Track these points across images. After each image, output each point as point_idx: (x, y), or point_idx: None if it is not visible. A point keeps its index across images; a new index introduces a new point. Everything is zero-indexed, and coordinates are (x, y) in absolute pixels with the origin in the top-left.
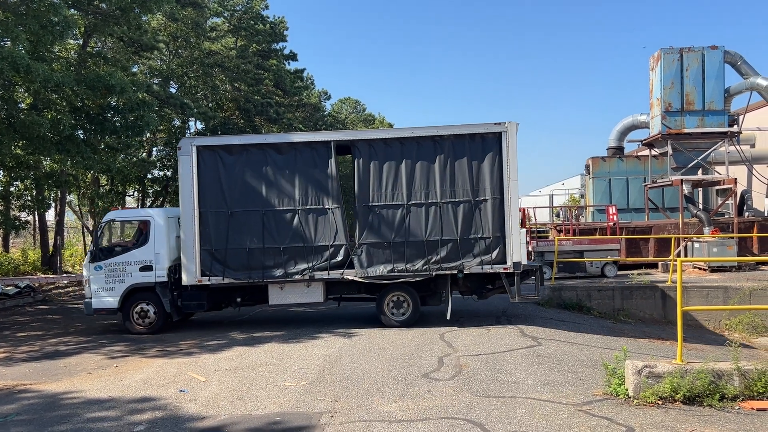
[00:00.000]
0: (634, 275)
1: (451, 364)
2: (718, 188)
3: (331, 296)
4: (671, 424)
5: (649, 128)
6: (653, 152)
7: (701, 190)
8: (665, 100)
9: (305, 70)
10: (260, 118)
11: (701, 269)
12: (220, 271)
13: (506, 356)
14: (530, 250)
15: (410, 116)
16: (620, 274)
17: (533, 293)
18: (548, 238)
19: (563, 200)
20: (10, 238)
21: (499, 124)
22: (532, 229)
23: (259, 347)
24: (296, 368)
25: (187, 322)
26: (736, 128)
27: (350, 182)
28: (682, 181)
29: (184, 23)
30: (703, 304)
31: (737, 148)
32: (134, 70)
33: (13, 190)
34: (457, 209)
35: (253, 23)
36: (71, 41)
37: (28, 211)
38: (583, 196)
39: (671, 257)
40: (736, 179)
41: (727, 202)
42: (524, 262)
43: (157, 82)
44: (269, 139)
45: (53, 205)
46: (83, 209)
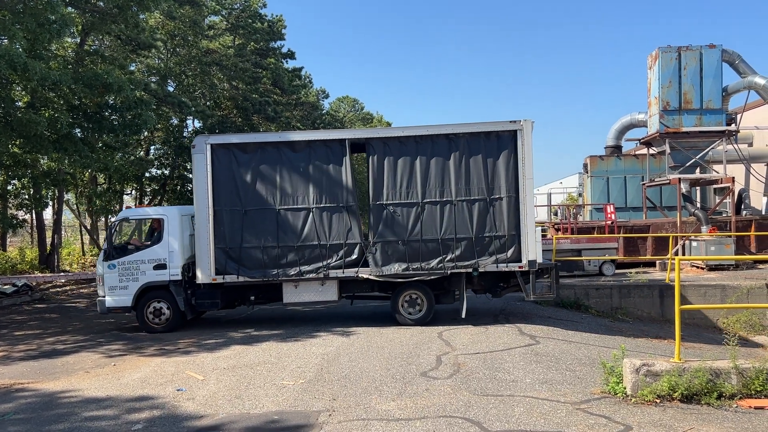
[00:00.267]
0: (632, 274)
1: (449, 362)
2: (715, 187)
3: (344, 294)
4: (669, 422)
5: (647, 127)
6: (651, 151)
7: (699, 188)
8: (663, 98)
9: (303, 68)
10: (258, 116)
11: (699, 268)
12: (234, 269)
13: (504, 355)
14: None
15: (409, 115)
16: (618, 272)
17: (548, 291)
18: (546, 236)
19: (561, 199)
20: (7, 236)
21: (514, 122)
22: None
23: (257, 346)
24: (294, 367)
25: (188, 320)
26: (733, 127)
27: (365, 180)
28: (679, 179)
29: (181, 21)
30: (701, 302)
31: (735, 146)
32: (132, 68)
33: (10, 188)
34: (472, 207)
35: (251, 21)
36: (69, 39)
37: (25, 209)
38: (581, 194)
39: (669, 256)
40: (733, 178)
41: (724, 200)
42: (539, 260)
43: (154, 80)
44: (284, 137)
45: (51, 203)
46: (81, 208)
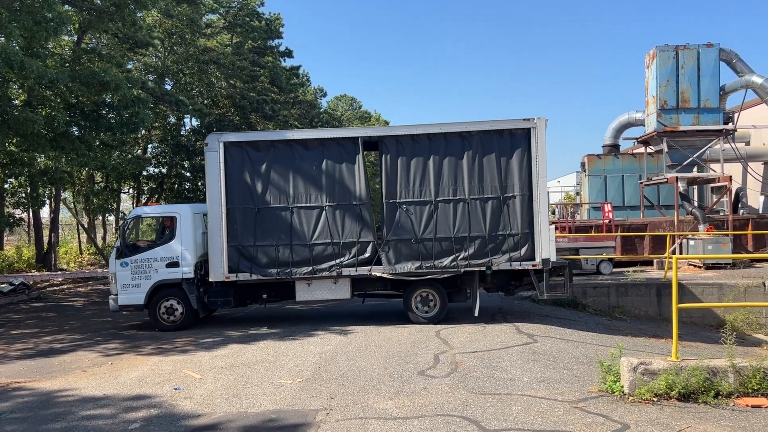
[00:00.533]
0: (629, 272)
1: (446, 361)
2: (713, 186)
3: (356, 293)
4: (666, 421)
5: (644, 126)
6: (649, 150)
7: (696, 187)
8: (661, 97)
9: (301, 66)
10: (256, 115)
11: (696, 266)
12: (247, 267)
13: (502, 353)
14: None
15: (406, 112)
16: (616, 271)
17: (562, 290)
18: None
19: (559, 198)
20: (4, 235)
21: (528, 120)
22: None
23: (254, 345)
24: (292, 366)
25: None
26: (731, 126)
27: (377, 178)
28: (677, 178)
29: (179, 20)
30: (698, 301)
31: (732, 145)
32: (129, 66)
33: (7, 187)
34: (485, 205)
35: (248, 20)
36: (65, 37)
37: (22, 208)
38: (578, 193)
39: (666, 254)
40: (731, 177)
41: (722, 199)
42: (553, 258)
43: (152, 78)
44: (296, 135)
45: (48, 202)
46: (78, 206)
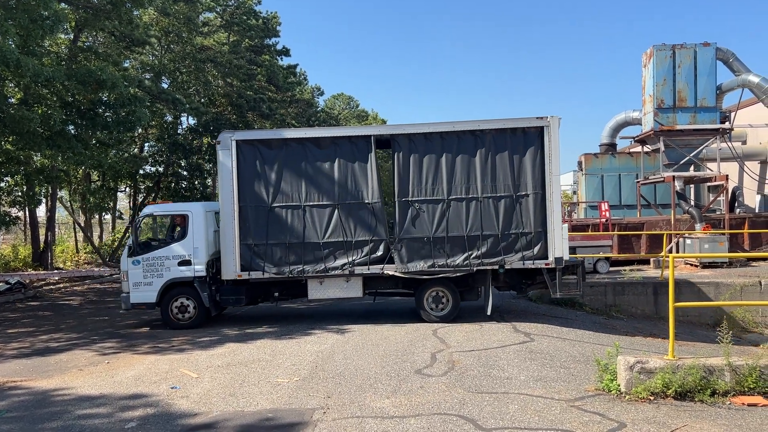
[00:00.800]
0: (626, 271)
1: (443, 359)
2: (709, 185)
3: (368, 291)
4: (663, 419)
5: (641, 125)
6: (645, 149)
7: (693, 186)
8: (657, 96)
9: (298, 65)
10: (253, 113)
11: (693, 265)
12: (260, 266)
13: (499, 352)
14: None
15: (404, 111)
16: (612, 270)
17: (574, 289)
18: None
19: None
20: (0, 234)
21: (541, 118)
22: None
23: (251, 343)
24: (289, 364)
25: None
26: (727, 125)
27: (386, 176)
28: (674, 177)
29: (176, 18)
30: (694, 300)
31: (729, 144)
32: (126, 65)
33: (3, 185)
34: (498, 204)
35: (245, 18)
36: (62, 36)
37: (18, 206)
38: (575, 192)
39: (663, 253)
40: (727, 176)
41: (718, 198)
42: (566, 257)
43: (148, 77)
44: (309, 133)
45: (44, 200)
46: (74, 205)
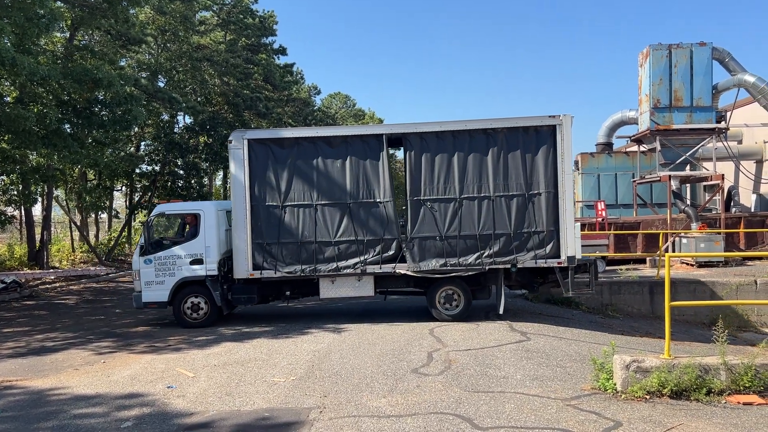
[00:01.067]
0: (622, 271)
1: (440, 359)
2: (705, 184)
3: (379, 290)
4: (659, 418)
5: (637, 124)
6: (642, 148)
7: (689, 186)
8: (654, 96)
9: (295, 64)
10: (249, 112)
11: (689, 264)
12: (272, 265)
13: (495, 351)
14: None
15: (401, 110)
16: (609, 269)
17: (586, 288)
18: None
19: None
20: None
21: (553, 117)
22: None
23: (247, 343)
24: (285, 364)
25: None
26: (723, 125)
27: (396, 175)
28: (670, 177)
29: (172, 17)
30: (690, 299)
31: (725, 144)
32: (122, 63)
33: None
34: (510, 203)
35: (242, 17)
36: (58, 34)
37: (14, 205)
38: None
39: (659, 253)
40: (723, 175)
41: (714, 198)
42: (579, 256)
43: (145, 76)
44: (321, 132)
45: (40, 199)
46: (70, 204)
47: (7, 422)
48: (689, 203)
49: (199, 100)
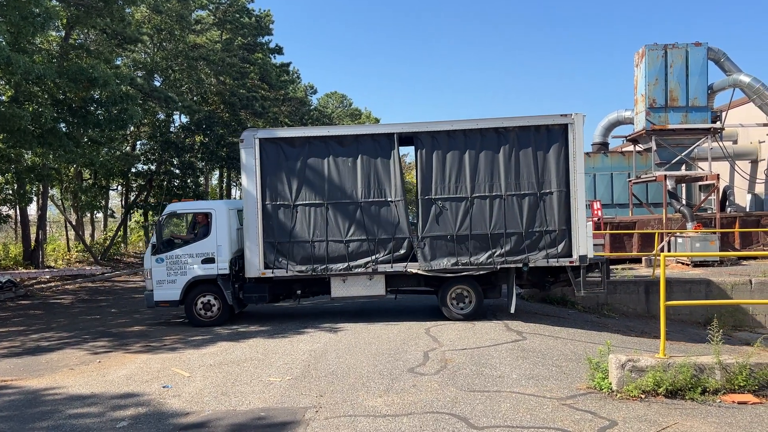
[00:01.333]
0: (618, 270)
1: (436, 358)
2: (701, 184)
3: (390, 289)
4: (654, 417)
5: (633, 124)
6: (637, 148)
7: (684, 185)
8: (649, 96)
9: (291, 63)
10: (245, 111)
11: (684, 264)
12: (283, 263)
13: (491, 351)
14: None
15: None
16: None
17: (598, 287)
18: None
19: None
20: None
21: (565, 115)
22: None
23: (243, 342)
24: (281, 363)
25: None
26: (719, 125)
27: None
28: (665, 176)
29: (168, 16)
30: (686, 298)
31: (720, 144)
32: (118, 62)
33: None
34: (522, 202)
35: (238, 16)
36: (53, 33)
37: (9, 205)
38: None
39: (655, 252)
40: (718, 175)
41: (709, 197)
42: (590, 255)
43: (140, 75)
44: (332, 131)
45: (35, 199)
46: (66, 203)
47: (1, 422)
48: (685, 203)
49: (195, 99)
